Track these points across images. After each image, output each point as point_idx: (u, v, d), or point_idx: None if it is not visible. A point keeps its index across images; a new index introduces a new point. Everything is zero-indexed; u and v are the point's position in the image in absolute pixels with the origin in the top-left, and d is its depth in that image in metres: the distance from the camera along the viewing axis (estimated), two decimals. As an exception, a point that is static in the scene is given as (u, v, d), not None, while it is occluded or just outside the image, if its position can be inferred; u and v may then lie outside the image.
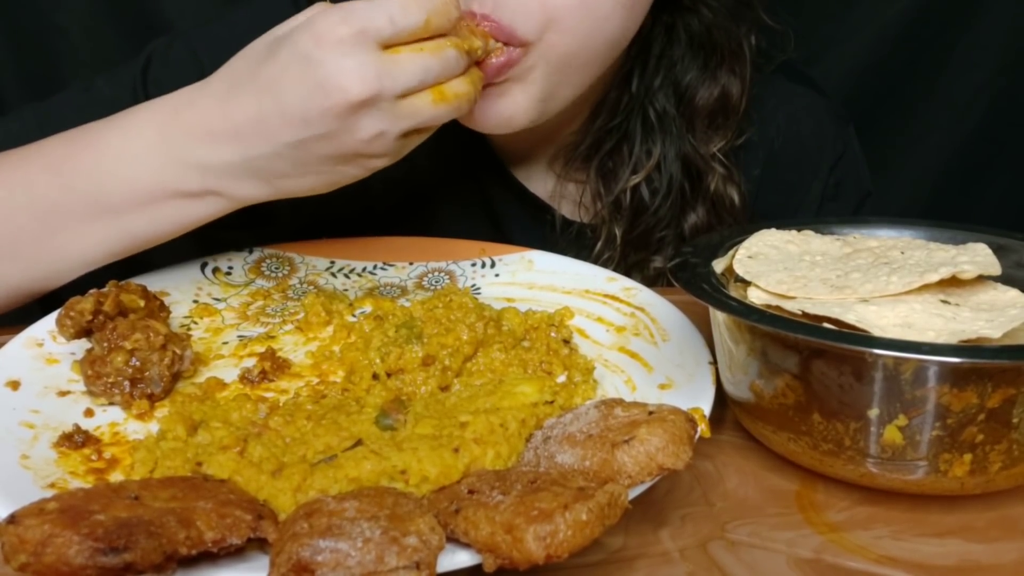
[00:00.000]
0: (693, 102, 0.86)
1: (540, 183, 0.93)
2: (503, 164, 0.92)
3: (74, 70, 1.21)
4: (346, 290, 0.77)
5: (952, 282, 0.54)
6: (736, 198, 0.88)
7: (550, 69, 0.71)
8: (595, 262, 0.86)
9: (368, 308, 0.74)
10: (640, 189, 0.87)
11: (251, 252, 0.80)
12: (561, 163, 0.91)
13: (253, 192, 0.66)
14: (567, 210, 0.92)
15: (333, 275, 0.80)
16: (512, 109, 0.72)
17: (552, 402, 0.58)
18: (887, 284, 0.54)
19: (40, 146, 0.70)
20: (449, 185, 0.92)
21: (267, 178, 0.64)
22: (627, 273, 0.87)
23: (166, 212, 0.67)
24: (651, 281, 0.89)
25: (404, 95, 0.60)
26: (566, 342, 0.68)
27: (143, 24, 1.19)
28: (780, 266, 0.59)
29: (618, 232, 0.88)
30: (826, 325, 0.51)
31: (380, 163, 0.64)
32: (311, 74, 0.59)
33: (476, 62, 0.66)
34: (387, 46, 0.60)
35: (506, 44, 0.68)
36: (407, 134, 0.62)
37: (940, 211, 1.37)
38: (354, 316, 0.72)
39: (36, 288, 0.71)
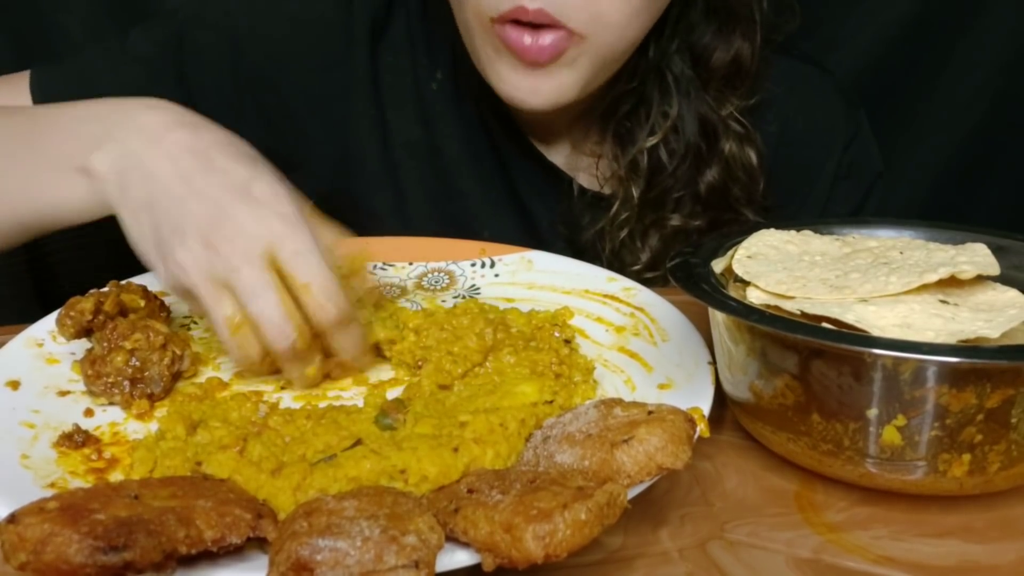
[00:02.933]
0: (709, 64, 0.88)
1: (558, 153, 0.94)
2: (522, 133, 0.92)
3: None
4: (346, 290, 0.77)
5: (951, 282, 0.54)
6: (753, 157, 0.90)
7: (595, 57, 0.78)
8: (612, 223, 0.88)
9: (368, 308, 0.74)
10: (658, 150, 0.89)
11: (251, 252, 0.80)
12: (579, 130, 0.92)
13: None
14: (584, 181, 0.93)
15: (333, 275, 0.80)
16: (559, 91, 0.79)
17: (552, 402, 0.58)
18: (886, 284, 0.54)
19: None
20: (470, 153, 0.93)
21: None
22: (645, 233, 0.88)
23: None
24: (668, 239, 0.90)
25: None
26: (567, 342, 0.68)
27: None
28: (779, 266, 0.59)
29: (635, 192, 0.90)
30: (825, 325, 0.51)
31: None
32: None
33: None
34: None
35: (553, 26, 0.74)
36: None
37: (939, 211, 1.36)
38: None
39: None
